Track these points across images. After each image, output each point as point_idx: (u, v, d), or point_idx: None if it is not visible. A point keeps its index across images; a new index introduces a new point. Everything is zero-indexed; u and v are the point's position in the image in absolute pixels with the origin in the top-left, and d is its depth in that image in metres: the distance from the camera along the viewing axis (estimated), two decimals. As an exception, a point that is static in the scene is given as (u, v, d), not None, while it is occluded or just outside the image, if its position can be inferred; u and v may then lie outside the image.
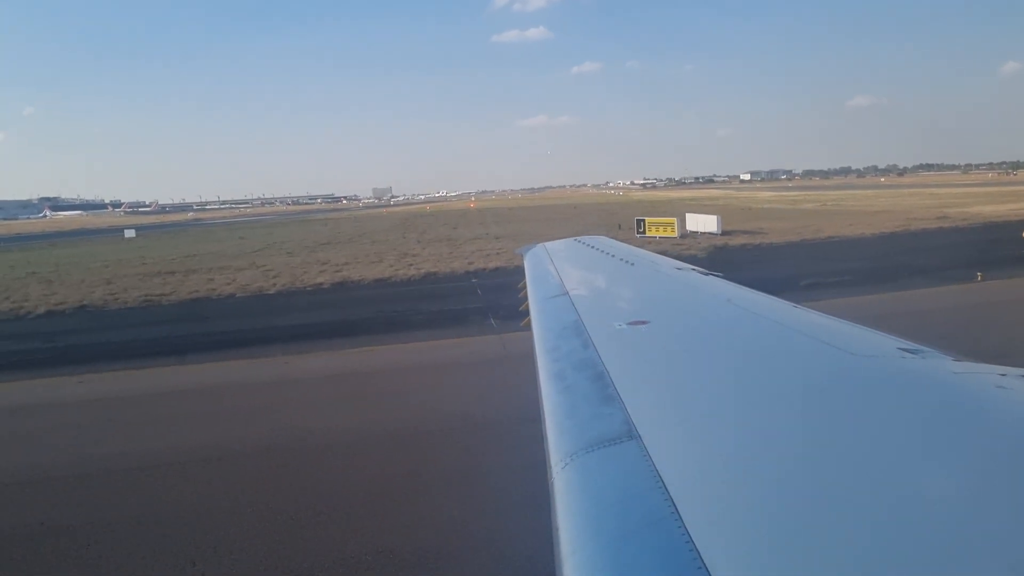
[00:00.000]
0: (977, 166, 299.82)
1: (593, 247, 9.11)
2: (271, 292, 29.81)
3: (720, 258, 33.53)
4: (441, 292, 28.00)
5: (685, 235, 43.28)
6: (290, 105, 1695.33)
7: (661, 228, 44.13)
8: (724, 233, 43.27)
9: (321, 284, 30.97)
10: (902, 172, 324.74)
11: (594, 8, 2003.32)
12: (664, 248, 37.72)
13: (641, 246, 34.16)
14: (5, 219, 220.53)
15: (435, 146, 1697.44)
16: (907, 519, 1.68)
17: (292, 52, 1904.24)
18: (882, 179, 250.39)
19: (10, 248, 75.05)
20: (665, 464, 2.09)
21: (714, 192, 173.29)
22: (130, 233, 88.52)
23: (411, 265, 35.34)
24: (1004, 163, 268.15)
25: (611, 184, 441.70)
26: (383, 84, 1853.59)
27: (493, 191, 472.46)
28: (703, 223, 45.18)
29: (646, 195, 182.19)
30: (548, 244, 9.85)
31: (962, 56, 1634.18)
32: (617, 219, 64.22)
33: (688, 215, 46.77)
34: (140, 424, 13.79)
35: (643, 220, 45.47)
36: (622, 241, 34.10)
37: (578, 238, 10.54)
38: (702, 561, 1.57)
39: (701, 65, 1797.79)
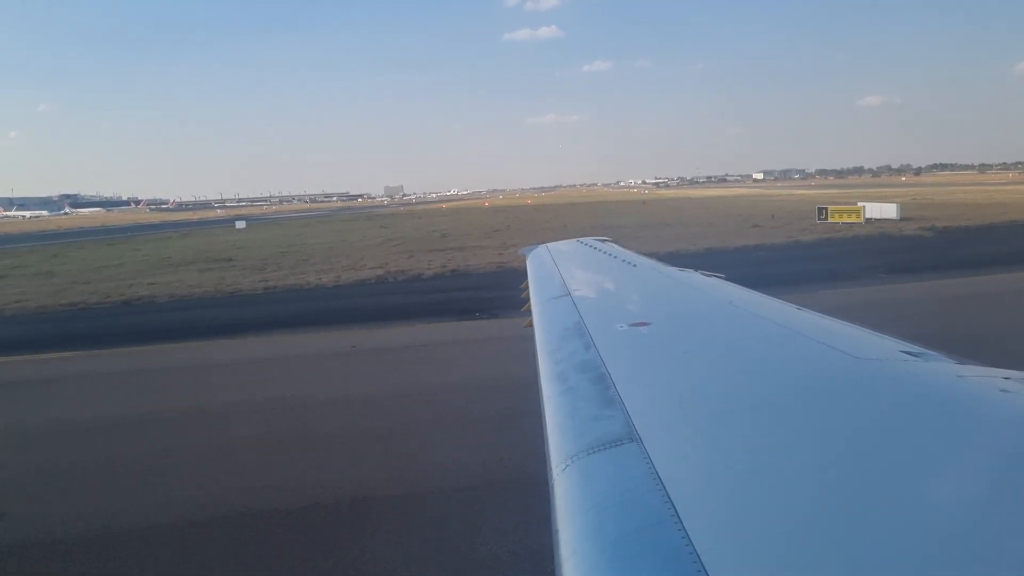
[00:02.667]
0: (992, 166, 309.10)
1: (596, 248, 9.20)
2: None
3: (951, 238, 39.46)
4: (749, 261, 33.41)
5: (869, 221, 48.96)
6: (302, 103, 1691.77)
7: (845, 215, 49.90)
8: (902, 219, 49.02)
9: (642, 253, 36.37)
10: (918, 171, 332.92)
11: (605, 7, 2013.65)
12: (870, 231, 43.53)
13: (833, 231, 39.35)
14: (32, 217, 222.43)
15: (445, 145, 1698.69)
16: (910, 524, 1.69)
17: (305, 50, 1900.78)
18: (903, 178, 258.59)
19: (152, 235, 79.16)
20: (665, 466, 2.12)
21: (741, 191, 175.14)
22: (240, 224, 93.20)
23: (685, 240, 40.85)
24: (1019, 163, 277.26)
25: (622, 183, 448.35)
26: (394, 83, 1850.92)
27: (504, 190, 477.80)
28: (879, 210, 50.93)
29: (672, 193, 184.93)
30: (551, 245, 9.98)
31: (973, 56, 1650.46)
32: (701, 214, 69.88)
33: (862, 203, 52.46)
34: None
35: (825, 208, 51.28)
36: (808, 223, 40.13)
37: (581, 239, 10.58)
38: (702, 564, 1.58)
39: (712, 64, 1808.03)
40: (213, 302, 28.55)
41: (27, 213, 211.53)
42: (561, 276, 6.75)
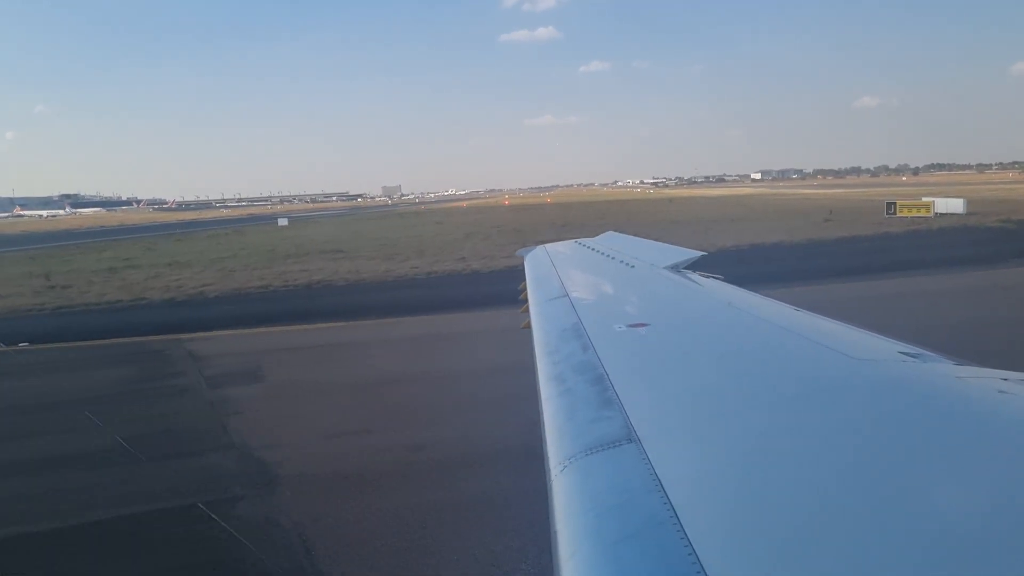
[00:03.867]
0: (990, 166, 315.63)
1: (594, 249, 9.25)
2: (742, 248, 37.60)
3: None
4: (865, 250, 35.96)
5: (938, 215, 51.68)
6: (299, 105, 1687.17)
7: (915, 209, 52.78)
8: (969, 213, 51.84)
9: (751, 244, 38.93)
10: (916, 171, 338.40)
11: (603, 8, 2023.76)
12: (951, 224, 46.29)
13: (915, 224, 42.28)
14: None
15: (442, 146, 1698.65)
16: (908, 525, 1.71)
17: (302, 51, 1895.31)
18: (903, 177, 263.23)
19: (204, 232, 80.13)
20: (664, 468, 2.13)
21: (750, 191, 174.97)
22: (283, 222, 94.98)
23: (776, 233, 43.37)
24: (1015, 163, 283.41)
25: (619, 183, 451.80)
26: (391, 84, 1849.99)
27: (501, 190, 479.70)
28: (945, 205, 53.79)
29: (684, 192, 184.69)
30: (548, 246, 10.08)
31: (969, 57, 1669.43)
32: (749, 211, 72.54)
33: (928, 198, 55.34)
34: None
35: (894, 203, 54.08)
36: (875, 218, 42.43)
37: (579, 240, 10.57)
38: (701, 566, 1.59)
39: (709, 65, 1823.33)
40: (393, 285, 30.55)
41: (44, 212, 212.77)
42: (559, 277, 6.78)
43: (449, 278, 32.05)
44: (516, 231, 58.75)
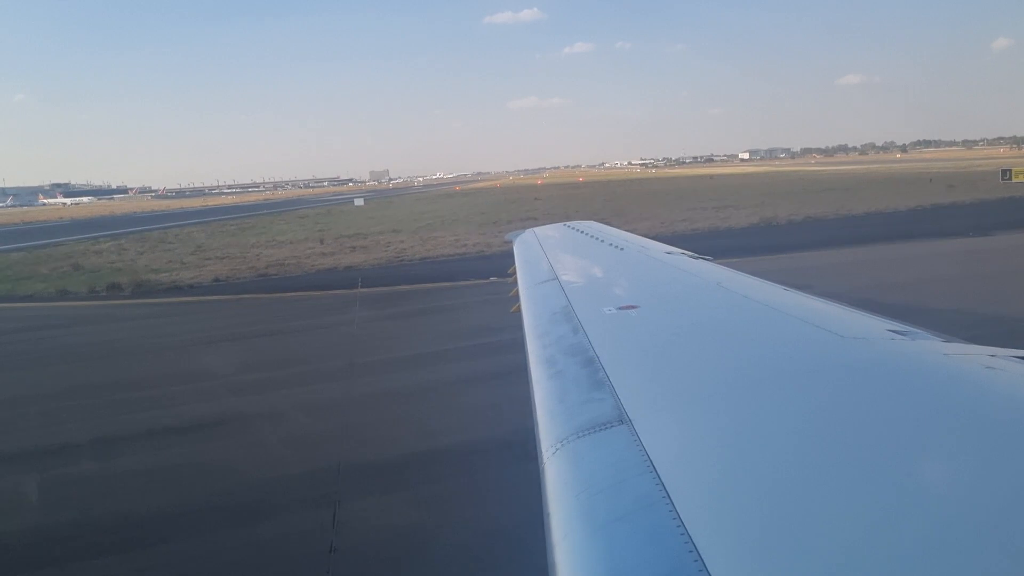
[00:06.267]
0: (976, 142, 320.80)
1: (583, 232, 9.27)
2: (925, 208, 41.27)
3: None
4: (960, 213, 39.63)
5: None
6: (285, 91, 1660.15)
7: (1029, 175, 57.79)
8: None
9: (933, 205, 42.67)
10: (904, 148, 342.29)
11: None
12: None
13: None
14: (20, 205, 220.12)
15: (428, 129, 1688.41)
16: (898, 503, 1.73)
17: (287, 37, 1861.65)
18: (897, 155, 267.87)
19: (284, 213, 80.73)
20: (655, 448, 2.15)
21: (752, 168, 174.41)
22: (359, 202, 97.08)
23: (930, 197, 47.17)
24: (1000, 138, 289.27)
25: (606, 164, 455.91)
26: (376, 68, 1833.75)
27: (488, 173, 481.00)
28: (1052, 172, 58.97)
29: (689, 172, 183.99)
30: (537, 229, 10.12)
31: (951, 33, 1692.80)
32: (828, 185, 75.88)
33: (1036, 168, 60.31)
34: None
35: (1009, 170, 59.05)
36: (990, 183, 49.78)
37: (567, 223, 10.66)
38: (693, 544, 1.61)
39: (691, 44, 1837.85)
40: (675, 238, 33.09)
41: (68, 200, 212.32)
42: (548, 260, 6.86)
43: (705, 234, 33.88)
44: (643, 204, 57.94)
